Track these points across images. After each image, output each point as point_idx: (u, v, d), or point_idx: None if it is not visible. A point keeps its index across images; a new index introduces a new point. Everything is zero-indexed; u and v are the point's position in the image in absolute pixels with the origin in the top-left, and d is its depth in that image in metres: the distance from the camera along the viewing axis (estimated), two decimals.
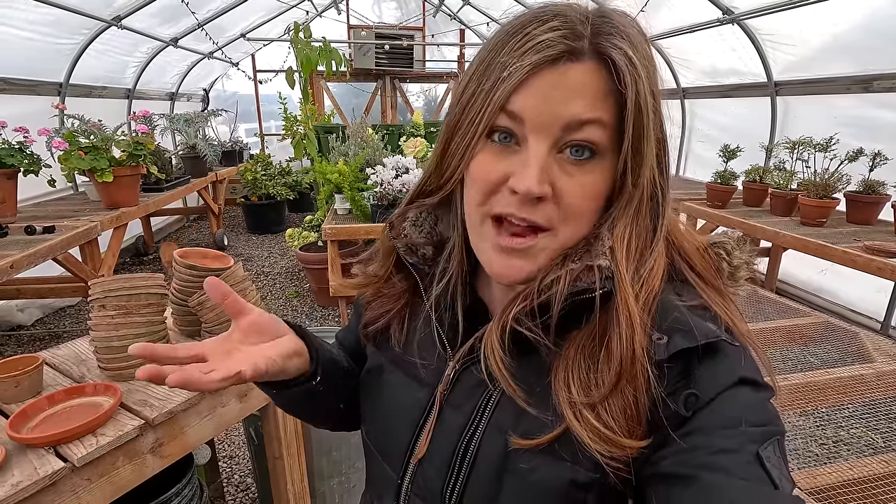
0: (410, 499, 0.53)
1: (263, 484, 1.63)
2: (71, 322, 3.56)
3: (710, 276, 0.49)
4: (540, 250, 0.46)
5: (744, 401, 0.42)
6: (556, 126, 0.43)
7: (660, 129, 0.45)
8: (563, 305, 0.45)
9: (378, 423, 0.59)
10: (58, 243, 2.46)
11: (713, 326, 0.44)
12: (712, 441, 0.40)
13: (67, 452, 0.93)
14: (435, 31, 6.92)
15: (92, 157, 2.99)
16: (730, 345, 0.44)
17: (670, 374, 0.43)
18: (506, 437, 0.46)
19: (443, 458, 0.50)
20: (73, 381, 1.17)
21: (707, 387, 0.42)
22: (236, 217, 6.43)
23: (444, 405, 0.52)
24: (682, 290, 0.48)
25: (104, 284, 1.13)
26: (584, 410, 0.42)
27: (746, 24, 3.54)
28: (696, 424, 0.41)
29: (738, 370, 0.43)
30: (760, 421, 0.41)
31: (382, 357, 0.61)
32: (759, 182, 3.24)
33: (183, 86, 5.93)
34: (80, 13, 3.36)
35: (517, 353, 0.48)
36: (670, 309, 0.45)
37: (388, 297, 0.60)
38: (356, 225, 2.98)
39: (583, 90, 0.43)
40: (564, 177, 0.44)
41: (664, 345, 0.43)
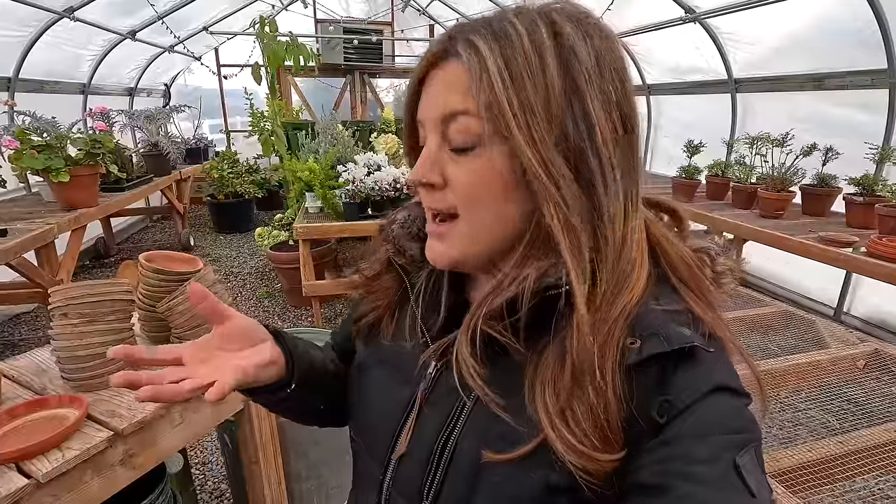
0: (391, 495, 0.54)
1: (239, 489, 1.60)
2: (27, 330, 3.40)
3: (694, 282, 0.48)
4: (456, 236, 0.49)
5: (721, 408, 0.41)
6: (437, 120, 0.47)
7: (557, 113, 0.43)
8: (533, 304, 0.45)
9: (362, 419, 0.60)
10: (12, 247, 2.34)
11: (688, 331, 0.43)
12: (688, 450, 0.39)
13: (31, 468, 0.89)
14: (404, 26, 6.87)
15: (46, 156, 2.85)
16: (706, 351, 0.43)
17: (646, 381, 0.42)
18: (481, 443, 0.46)
19: (421, 457, 0.51)
20: (34, 392, 1.12)
21: (682, 394, 0.41)
22: (202, 216, 6.24)
23: (424, 404, 0.53)
24: (663, 294, 0.47)
25: (66, 292, 1.08)
26: (557, 420, 0.42)
27: (707, 23, 3.65)
28: (673, 433, 0.40)
29: (715, 377, 0.42)
30: (737, 428, 0.40)
31: (369, 354, 0.62)
32: (721, 176, 3.36)
33: (142, 81, 5.70)
34: (28, 3, 3.19)
35: (492, 355, 0.48)
36: (647, 314, 0.44)
37: (379, 294, 0.61)
38: (328, 224, 2.94)
39: (456, 83, 0.46)
40: (451, 164, 0.47)
41: (637, 349, 0.42)
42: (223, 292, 1.27)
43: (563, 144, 0.43)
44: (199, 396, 0.46)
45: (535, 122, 0.43)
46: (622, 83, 0.45)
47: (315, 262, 3.10)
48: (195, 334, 1.20)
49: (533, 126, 0.43)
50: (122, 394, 1.11)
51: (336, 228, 2.93)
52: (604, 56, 0.45)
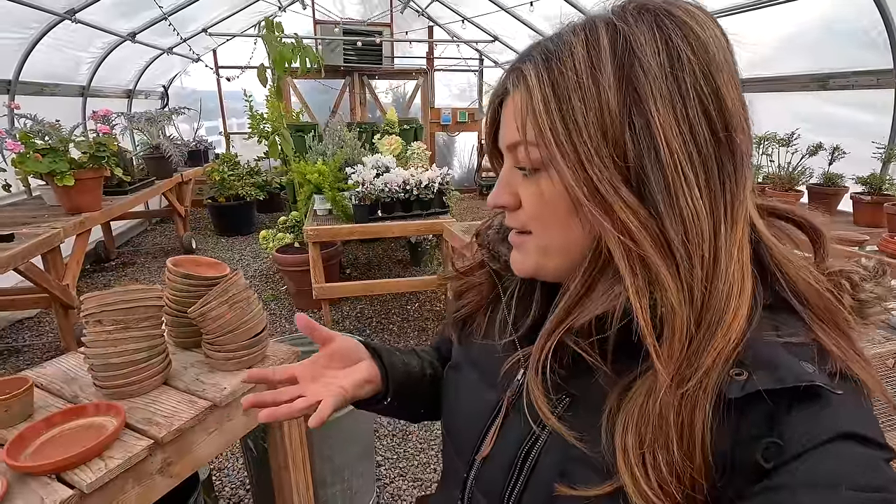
0: (473, 494, 0.54)
1: (263, 495, 1.59)
2: (31, 335, 3.35)
3: (824, 309, 0.42)
4: (530, 249, 0.50)
5: (846, 458, 0.35)
6: (506, 148, 0.50)
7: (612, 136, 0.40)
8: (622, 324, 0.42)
9: (452, 418, 0.62)
10: (19, 252, 2.30)
11: (810, 368, 0.38)
12: (801, 500, 0.34)
13: (74, 479, 0.87)
14: (403, 27, 6.86)
15: (50, 159, 2.81)
16: (830, 392, 0.37)
17: (752, 417, 0.38)
18: (562, 457, 0.46)
19: (504, 461, 0.51)
20: (65, 401, 1.10)
21: (797, 437, 0.36)
22: (203, 219, 6.19)
23: (511, 409, 0.53)
24: (784, 322, 0.41)
25: (100, 298, 1.06)
26: (636, 466, 0.38)
27: None
28: (783, 479, 0.35)
29: (843, 421, 0.36)
30: (868, 485, 0.34)
31: (462, 355, 0.64)
32: None
33: (141, 83, 5.65)
34: (29, 5, 3.15)
35: (579, 372, 0.47)
36: (761, 344, 0.39)
37: (475, 289, 0.63)
38: (339, 226, 2.92)
39: (515, 116, 0.46)
40: (521, 186, 0.49)
41: (741, 382, 0.37)
42: (254, 297, 1.26)
43: (621, 162, 0.40)
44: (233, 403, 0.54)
45: (582, 144, 0.40)
46: (712, 83, 0.40)
47: (323, 264, 3.08)
48: (227, 340, 1.19)
49: (581, 149, 0.41)
50: (156, 401, 1.09)
51: (346, 231, 2.92)
52: (685, 55, 0.40)
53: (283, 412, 0.51)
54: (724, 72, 0.41)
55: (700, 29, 0.41)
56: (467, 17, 6.30)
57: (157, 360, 1.13)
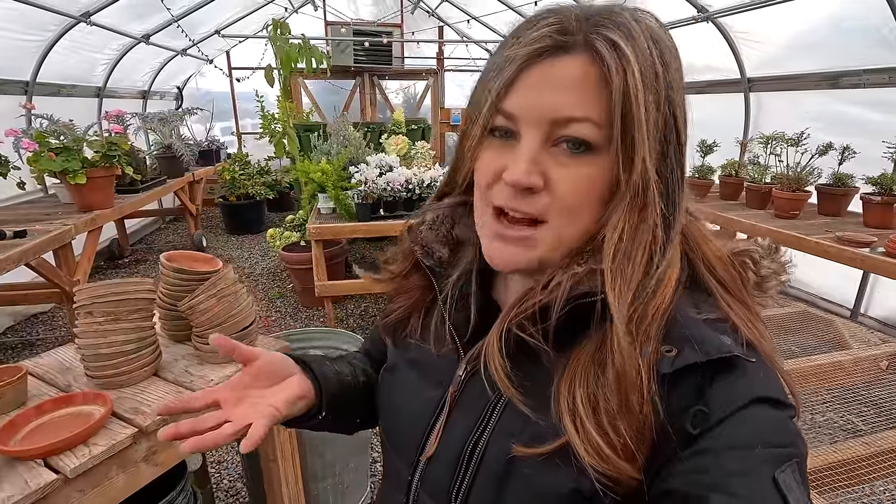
0: (419, 496, 0.54)
1: (256, 488, 1.61)
2: (45, 329, 3.45)
3: (734, 286, 0.47)
4: (538, 241, 0.47)
5: (760, 420, 0.40)
6: (545, 121, 0.44)
7: (663, 122, 0.43)
8: (565, 310, 0.44)
9: (392, 420, 0.60)
10: (30, 248, 2.37)
11: (728, 340, 0.42)
12: (724, 462, 0.38)
13: (59, 464, 0.90)
14: (413, 28, 6.89)
15: (63, 158, 2.89)
16: (746, 360, 0.41)
17: (682, 390, 0.41)
18: (511, 442, 0.46)
19: (450, 459, 0.50)
20: (58, 390, 1.14)
21: (719, 404, 0.40)
22: (214, 218, 6.30)
23: (454, 406, 0.53)
24: (702, 301, 0.46)
25: (91, 290, 1.10)
26: (587, 423, 0.41)
27: (720, 22, 3.62)
28: (708, 444, 0.39)
29: (755, 388, 0.41)
30: (779, 441, 0.39)
31: (399, 356, 0.62)
32: (735, 176, 3.33)
33: (155, 84, 5.77)
34: (46, 9, 3.24)
35: (524, 358, 0.48)
36: (684, 321, 0.43)
37: (408, 293, 0.61)
38: (341, 224, 2.95)
39: (571, 85, 0.43)
40: (558, 167, 0.45)
41: (671, 358, 0.41)
42: (243, 292, 1.28)
43: (662, 155, 0.44)
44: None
45: (652, 136, 0.42)
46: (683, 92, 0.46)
47: (327, 262, 3.11)
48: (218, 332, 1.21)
49: (651, 139, 0.42)
50: (145, 391, 1.12)
51: (349, 229, 2.94)
52: (679, 66, 0.45)
53: (210, 440, 0.46)
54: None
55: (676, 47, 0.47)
56: (474, 16, 6.30)
57: (146, 352, 1.16)
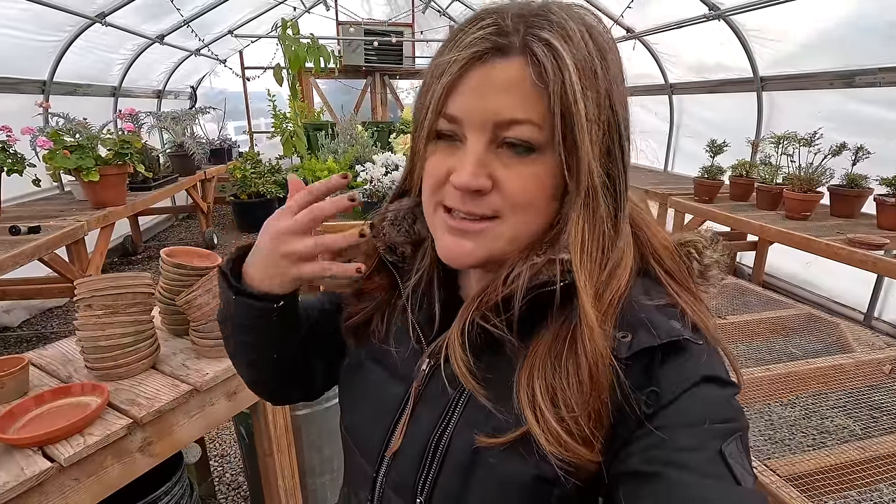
0: (384, 492, 0.54)
1: (255, 482, 1.63)
2: (59, 323, 3.53)
3: (680, 275, 0.50)
4: (493, 236, 0.47)
5: (708, 398, 0.43)
6: (489, 123, 0.45)
7: (605, 119, 0.44)
8: (526, 300, 0.45)
9: (356, 417, 0.60)
10: (43, 243, 2.43)
11: (678, 325, 0.45)
12: (676, 439, 0.41)
13: (54, 452, 0.93)
14: (424, 27, 6.90)
15: (77, 156, 2.96)
16: (694, 343, 0.44)
17: (634, 372, 0.43)
18: (475, 434, 0.47)
19: (415, 453, 0.51)
20: (60, 381, 1.17)
21: (670, 385, 0.43)
22: (226, 215, 6.38)
23: (418, 401, 0.53)
24: (652, 288, 0.48)
25: (90, 284, 1.12)
26: (546, 412, 0.43)
27: (732, 20, 3.57)
28: (661, 422, 0.42)
29: (702, 368, 0.43)
30: (724, 418, 0.42)
31: (362, 353, 0.61)
32: (746, 177, 3.28)
33: (170, 83, 5.86)
34: (62, 9, 3.32)
35: (487, 350, 0.49)
36: (637, 307, 0.45)
37: (369, 294, 0.60)
38: (346, 222, 2.97)
39: (510, 87, 0.43)
40: (504, 168, 0.45)
41: (627, 342, 0.44)
42: None
43: (605, 151, 0.45)
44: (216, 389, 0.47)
45: (594, 131, 0.44)
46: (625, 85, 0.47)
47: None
48: (210, 328, 1.24)
49: (594, 136, 0.44)
50: (142, 383, 1.14)
51: (351, 227, 2.96)
52: (618, 62, 0.46)
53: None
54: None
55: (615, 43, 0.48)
56: None
57: (144, 345, 1.18)
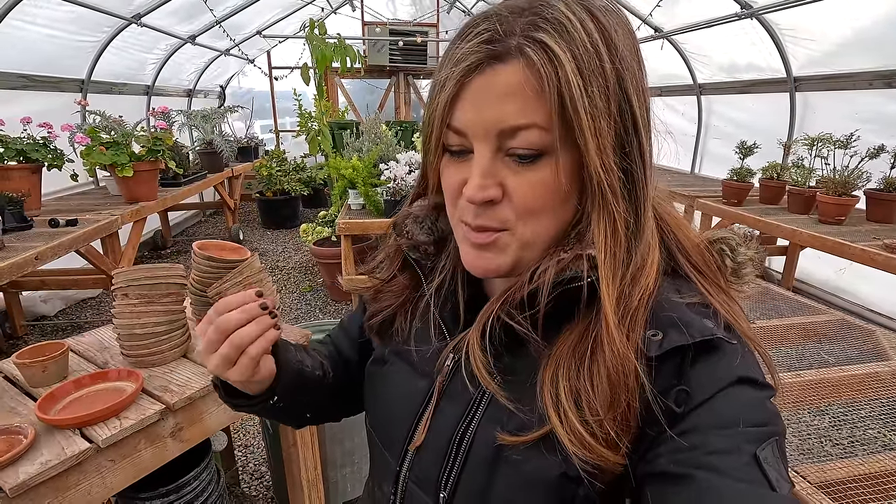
0: (408, 486, 0.54)
1: (278, 472, 1.67)
2: (92, 313, 3.65)
3: (711, 273, 0.48)
4: (510, 245, 0.47)
5: (742, 400, 0.41)
6: (493, 133, 0.44)
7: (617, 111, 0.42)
8: (552, 297, 0.45)
9: (380, 412, 0.60)
10: (80, 236, 2.53)
11: (710, 324, 0.44)
12: (708, 440, 0.39)
13: (92, 434, 0.97)
14: (450, 27, 6.91)
15: (113, 152, 3.06)
16: (727, 342, 0.43)
17: (665, 371, 0.42)
18: (497, 432, 0.47)
19: (439, 448, 0.51)
20: (97, 367, 1.21)
21: (703, 385, 0.42)
22: (251, 212, 6.51)
23: (442, 395, 0.53)
24: (683, 286, 0.47)
25: (127, 274, 1.16)
26: (570, 413, 0.42)
27: (765, 19, 3.48)
28: (693, 423, 0.41)
29: (736, 368, 0.42)
30: (759, 421, 0.40)
31: (386, 348, 0.62)
32: (777, 179, 3.20)
33: (200, 82, 6.01)
34: (101, 11, 3.44)
35: (510, 348, 0.49)
36: (668, 306, 0.44)
37: (392, 292, 0.61)
38: (369, 220, 3.00)
39: (510, 93, 0.42)
40: (514, 176, 0.45)
41: (658, 341, 0.43)
42: (268, 281, 1.33)
43: (619, 145, 0.43)
44: None
45: (601, 127, 0.42)
46: (643, 71, 0.45)
47: (356, 257, 3.17)
48: None
49: (600, 131, 0.42)
50: (174, 371, 1.18)
51: (377, 225, 2.99)
52: (632, 46, 0.44)
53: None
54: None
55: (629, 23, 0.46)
56: None
57: (177, 334, 1.22)
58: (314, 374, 0.64)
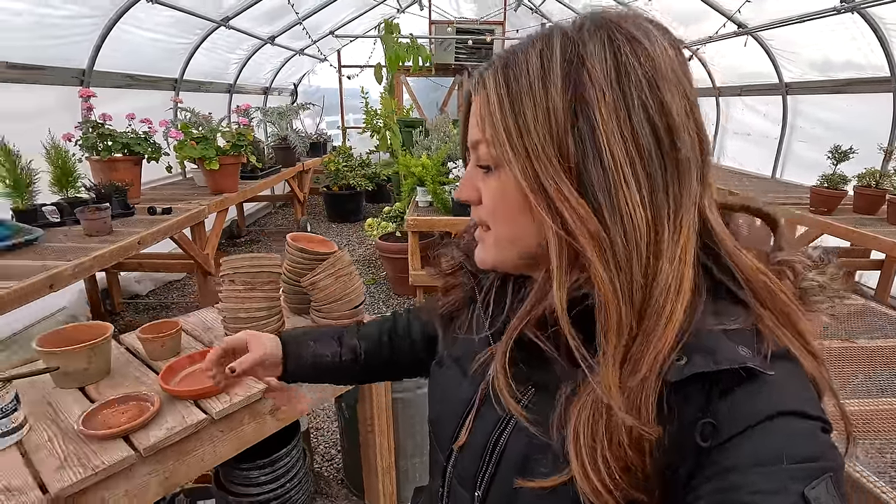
0: (452, 482, 0.58)
1: (352, 455, 1.75)
2: (177, 295, 3.96)
3: (768, 296, 0.44)
4: (489, 243, 0.53)
5: (787, 433, 0.38)
6: (469, 147, 0.52)
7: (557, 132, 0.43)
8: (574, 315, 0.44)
9: (434, 411, 0.65)
10: (175, 223, 2.75)
11: (746, 351, 0.40)
12: (749, 479, 0.36)
13: (207, 406, 1.06)
14: (517, 25, 6.86)
15: (202, 146, 3.30)
16: (764, 373, 0.40)
17: (691, 400, 0.41)
18: (527, 443, 0.49)
19: (477, 448, 0.54)
20: (203, 345, 1.32)
21: (734, 417, 0.39)
22: (317, 205, 6.79)
23: (483, 402, 0.56)
24: (725, 311, 0.44)
25: (233, 262, 1.26)
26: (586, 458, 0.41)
27: (869, 13, 3.21)
28: (728, 462, 0.38)
29: (780, 401, 0.39)
30: (807, 456, 0.37)
31: (446, 350, 0.67)
32: (875, 187, 2.95)
33: (275, 81, 6.33)
34: (196, 15, 3.70)
35: (539, 366, 0.50)
36: (700, 334, 0.41)
37: (459, 288, 0.65)
38: (437, 217, 3.06)
39: (476, 117, 0.49)
40: (481, 182, 0.51)
41: (681, 367, 0.40)
42: (355, 273, 1.40)
43: (565, 162, 0.43)
44: None
45: (530, 143, 0.43)
46: (657, 95, 0.42)
47: (421, 253, 3.24)
48: (330, 309, 1.34)
49: (529, 147, 0.43)
50: None
51: (443, 223, 3.04)
52: (632, 67, 0.42)
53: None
54: (671, 84, 0.43)
55: (649, 43, 0.43)
56: (578, 11, 6.11)
57: (273, 319, 1.31)
58: (336, 361, 0.81)
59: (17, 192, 2.36)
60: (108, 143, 2.89)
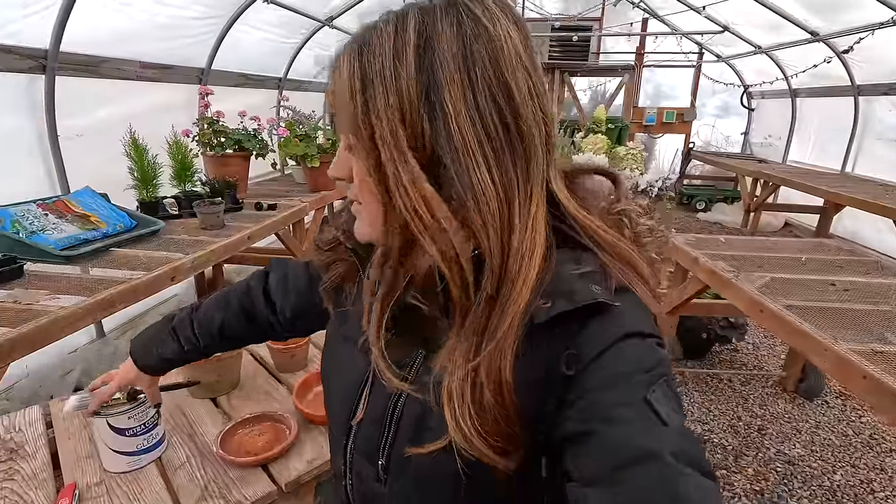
0: (354, 458, 0.58)
1: None
2: None
3: (610, 244, 0.49)
4: (361, 217, 0.52)
5: (630, 351, 0.44)
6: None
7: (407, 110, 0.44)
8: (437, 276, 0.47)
9: (330, 391, 0.64)
10: (280, 220, 2.77)
11: (598, 289, 0.45)
12: (605, 396, 0.42)
13: None
14: (614, 21, 6.47)
15: (305, 144, 3.34)
16: (612, 305, 0.45)
17: (557, 338, 0.45)
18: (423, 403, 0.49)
19: (375, 421, 0.54)
20: None
21: (590, 346, 0.44)
22: None
23: (376, 375, 0.55)
24: (581, 258, 0.48)
25: None
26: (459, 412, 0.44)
27: None
28: (588, 383, 0.43)
29: (624, 326, 0.44)
30: (647, 367, 0.43)
31: (335, 329, 0.66)
32: None
33: None
34: (304, 14, 3.77)
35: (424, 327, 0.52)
36: (561, 278, 0.46)
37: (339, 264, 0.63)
38: None
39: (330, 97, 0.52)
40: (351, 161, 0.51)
41: (546, 309, 0.44)
42: None
43: (418, 143, 0.45)
44: None
45: (378, 125, 0.45)
46: (501, 76, 0.44)
47: None
48: None
49: (377, 129, 0.45)
50: None
51: None
52: (477, 49, 0.44)
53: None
54: (513, 64, 0.45)
55: (492, 26, 0.45)
56: (695, 6, 5.61)
57: None
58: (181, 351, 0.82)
59: (144, 185, 2.47)
60: (222, 140, 2.98)
